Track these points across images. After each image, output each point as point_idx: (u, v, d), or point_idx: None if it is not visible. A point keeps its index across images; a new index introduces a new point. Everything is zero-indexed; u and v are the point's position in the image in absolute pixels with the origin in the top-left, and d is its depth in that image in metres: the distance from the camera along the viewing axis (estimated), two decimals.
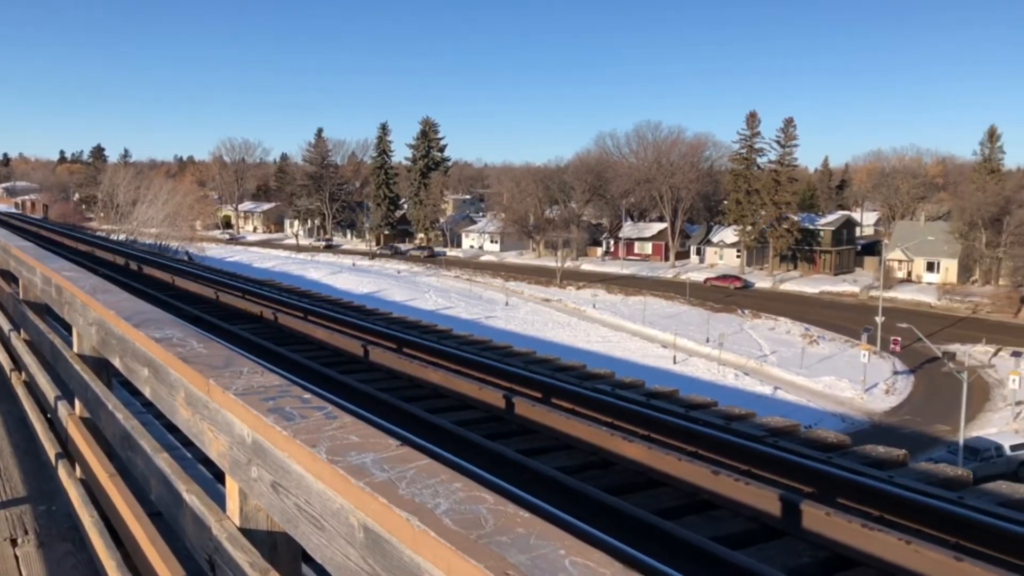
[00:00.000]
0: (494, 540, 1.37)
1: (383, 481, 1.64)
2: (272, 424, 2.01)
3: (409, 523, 1.47)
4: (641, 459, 5.79)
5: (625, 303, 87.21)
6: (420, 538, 1.45)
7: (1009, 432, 47.62)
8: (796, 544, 4.55)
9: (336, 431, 1.96)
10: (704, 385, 54.70)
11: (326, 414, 2.10)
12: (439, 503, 1.54)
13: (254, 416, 2.10)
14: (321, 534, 1.81)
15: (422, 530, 1.44)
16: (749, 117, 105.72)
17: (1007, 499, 5.39)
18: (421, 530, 1.45)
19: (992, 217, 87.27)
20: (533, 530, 1.44)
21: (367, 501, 1.61)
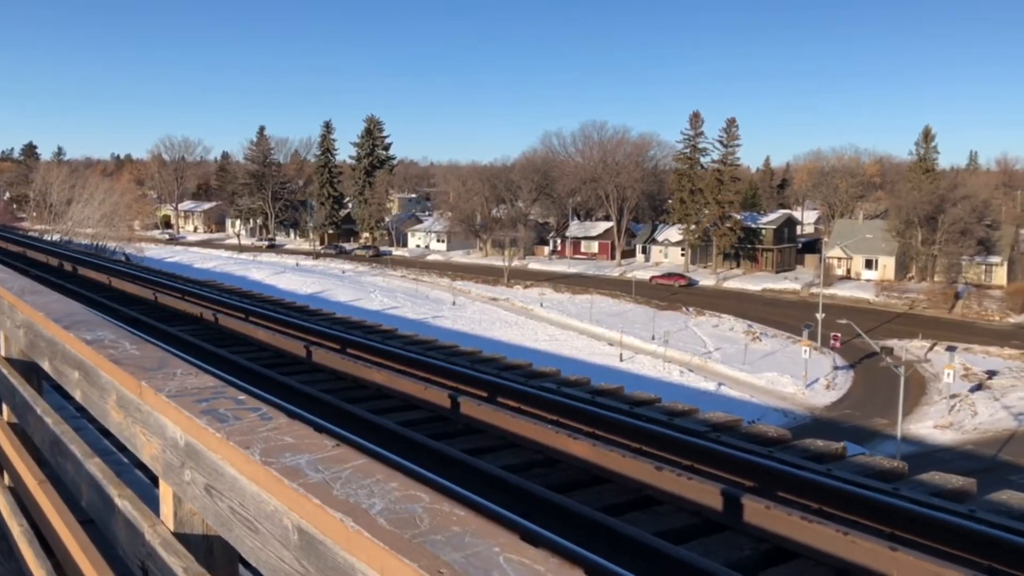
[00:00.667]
0: (429, 539, 1.35)
1: (317, 482, 1.62)
2: (205, 426, 1.96)
3: (343, 524, 1.45)
4: (586, 456, 5.82)
5: (572, 302, 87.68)
6: (354, 539, 1.43)
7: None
8: (738, 538, 4.61)
9: (271, 432, 1.92)
10: (650, 382, 55.27)
11: (261, 415, 2.07)
12: (374, 503, 1.52)
13: (187, 418, 2.06)
14: (256, 537, 1.78)
15: (356, 530, 1.42)
16: (692, 117, 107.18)
17: (940, 489, 5.54)
18: (355, 530, 1.42)
19: (927, 215, 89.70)
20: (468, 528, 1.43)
21: (301, 502, 1.58)
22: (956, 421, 51.58)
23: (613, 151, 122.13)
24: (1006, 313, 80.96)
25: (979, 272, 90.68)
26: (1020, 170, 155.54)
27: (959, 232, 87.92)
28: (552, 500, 4.95)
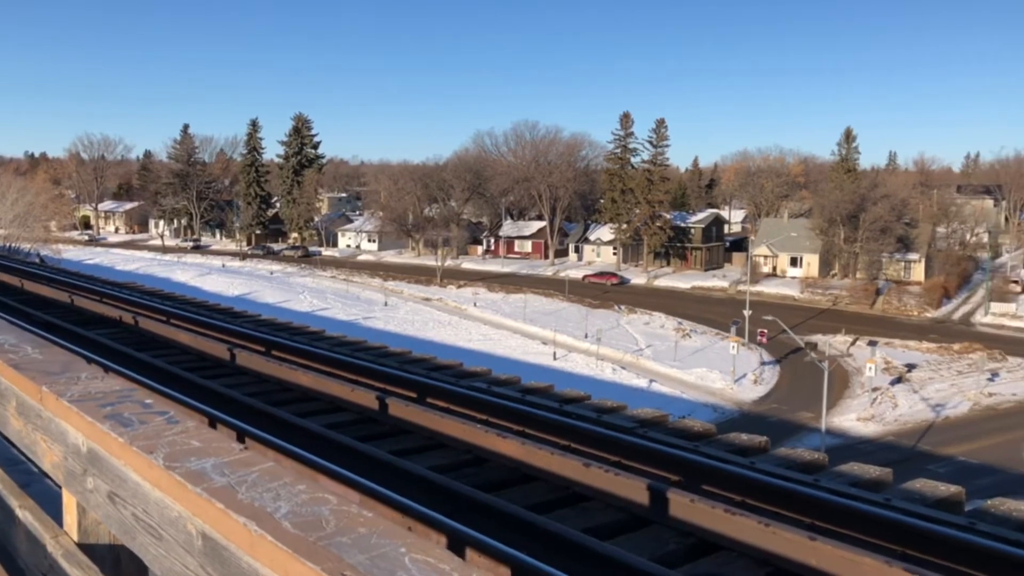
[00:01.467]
0: (334, 541, 1.33)
1: (222, 486, 1.57)
2: (108, 431, 1.90)
3: (247, 528, 1.42)
4: (515, 455, 5.82)
5: (506, 301, 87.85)
6: (258, 543, 1.39)
7: None
8: (664, 532, 4.66)
9: (177, 436, 1.87)
10: (584, 380, 55.73)
11: (168, 419, 2.01)
12: (280, 506, 1.49)
13: (89, 423, 1.99)
14: (159, 544, 1.73)
15: (259, 535, 1.39)
16: (623, 118, 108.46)
17: (858, 479, 5.68)
18: (259, 535, 1.39)
19: (849, 214, 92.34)
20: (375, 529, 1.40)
21: (205, 507, 1.54)
22: (878, 413, 53.19)
23: (545, 151, 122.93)
24: (924, 308, 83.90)
25: (898, 269, 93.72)
26: (936, 170, 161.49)
27: (879, 230, 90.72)
28: (480, 499, 4.93)
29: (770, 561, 4.12)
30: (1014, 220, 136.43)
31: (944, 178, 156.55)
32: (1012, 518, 4.86)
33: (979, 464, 44.43)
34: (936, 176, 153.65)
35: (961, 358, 65.62)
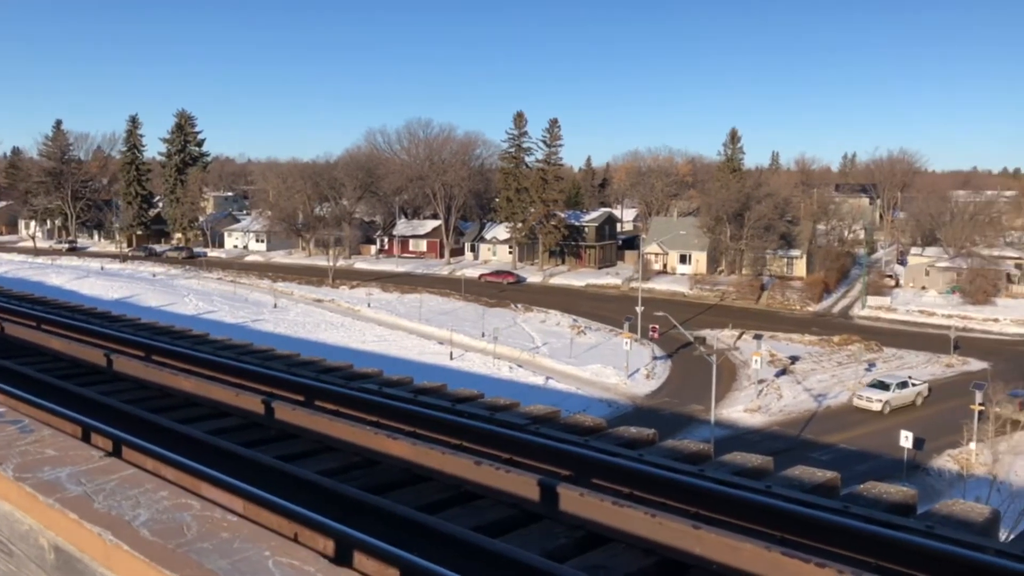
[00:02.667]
0: (195, 548, 1.27)
1: (77, 496, 1.49)
2: None
3: (102, 538, 1.34)
4: (406, 455, 5.76)
5: (401, 301, 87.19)
6: (113, 553, 1.32)
7: None
8: (554, 526, 4.69)
9: (31, 446, 1.76)
10: (480, 379, 55.83)
11: (21, 428, 1.89)
12: (139, 514, 1.42)
13: None
14: (10, 560, 1.62)
15: (115, 544, 1.32)
16: (516, 117, 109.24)
17: (741, 468, 5.85)
18: (114, 544, 1.32)
19: (735, 212, 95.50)
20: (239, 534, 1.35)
21: (57, 519, 1.45)
22: (764, 404, 55.16)
23: (439, 149, 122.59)
24: (806, 302, 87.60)
25: (782, 265, 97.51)
26: (816, 170, 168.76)
27: (763, 228, 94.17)
28: (369, 502, 4.86)
29: (656, 551, 4.20)
30: (888, 217, 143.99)
31: (823, 177, 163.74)
32: (883, 500, 5.10)
33: (858, 450, 46.67)
34: (816, 175, 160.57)
35: (841, 350, 68.80)
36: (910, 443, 43.05)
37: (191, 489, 4.92)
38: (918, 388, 55.45)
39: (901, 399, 54.00)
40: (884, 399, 53.13)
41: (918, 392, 55.13)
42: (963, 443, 45.91)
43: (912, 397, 54.68)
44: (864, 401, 53.67)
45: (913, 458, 44.24)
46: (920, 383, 56.04)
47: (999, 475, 39.54)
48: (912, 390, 54.93)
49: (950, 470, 44.33)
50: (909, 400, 54.42)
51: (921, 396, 55.09)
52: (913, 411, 52.96)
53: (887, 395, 53.41)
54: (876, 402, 53.13)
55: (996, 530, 4.80)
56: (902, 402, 53.93)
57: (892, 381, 55.04)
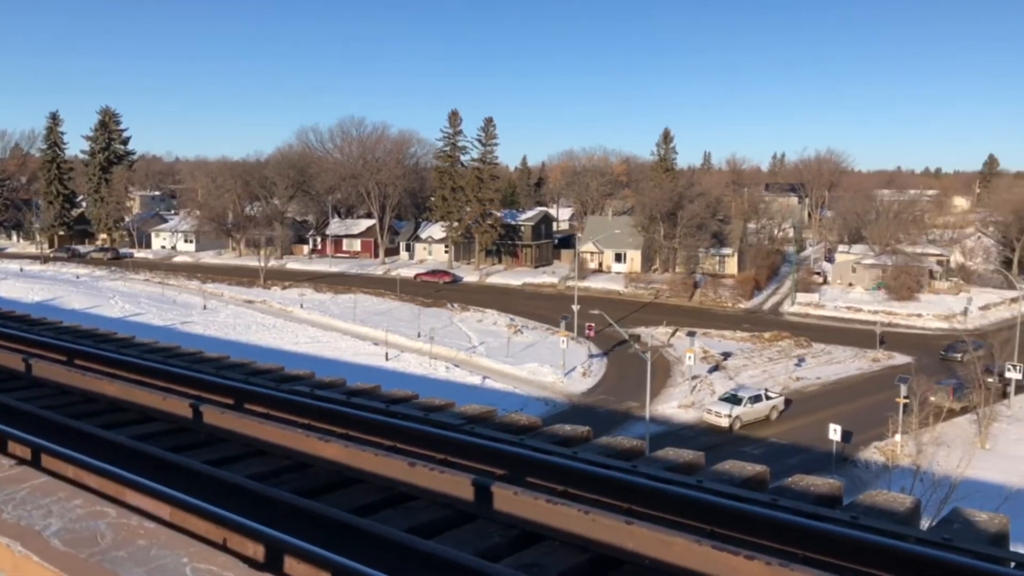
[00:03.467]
0: (109, 556, 1.23)
1: None
2: None
3: (10, 549, 1.29)
4: (338, 458, 5.67)
5: (335, 301, 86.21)
6: (22, 565, 1.27)
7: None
8: (488, 526, 4.67)
9: None
10: (416, 380, 55.58)
11: None
12: (50, 523, 1.36)
13: None
14: None
15: (24, 555, 1.27)
16: (451, 116, 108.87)
17: (673, 464, 5.91)
18: (23, 555, 1.27)
19: (668, 211, 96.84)
20: (156, 541, 1.31)
21: None
22: (697, 400, 55.99)
23: (373, 148, 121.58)
24: (737, 300, 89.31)
25: (714, 263, 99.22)
26: (747, 169, 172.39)
27: (696, 227, 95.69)
28: (300, 506, 4.77)
29: (590, 547, 4.21)
30: (816, 216, 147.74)
31: (754, 177, 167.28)
32: (810, 492, 5.21)
33: (788, 444, 47.75)
34: (746, 175, 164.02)
35: (771, 346, 70.31)
36: (838, 436, 44.25)
37: (115, 497, 4.77)
38: (772, 402, 52.70)
39: (753, 414, 51.19)
40: (733, 414, 50.25)
41: (772, 406, 52.43)
42: (889, 435, 47.37)
43: (766, 411, 51.99)
44: (713, 416, 50.79)
45: (842, 451, 45.47)
46: (776, 396, 53.58)
47: (922, 465, 40.87)
48: (766, 404, 52.07)
49: (876, 462, 45.68)
50: (763, 415, 51.76)
51: (776, 410, 52.78)
52: (840, 404, 54.35)
53: (738, 409, 50.49)
54: (724, 417, 50.17)
55: (917, 519, 4.94)
56: (754, 417, 51.18)
57: (745, 394, 52.13)
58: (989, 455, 46.43)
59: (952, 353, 63.46)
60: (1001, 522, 4.58)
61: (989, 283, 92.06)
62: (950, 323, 78.80)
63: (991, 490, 33.36)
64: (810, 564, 3.77)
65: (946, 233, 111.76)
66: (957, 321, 79.04)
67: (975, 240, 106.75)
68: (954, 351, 63.49)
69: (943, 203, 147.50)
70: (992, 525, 4.56)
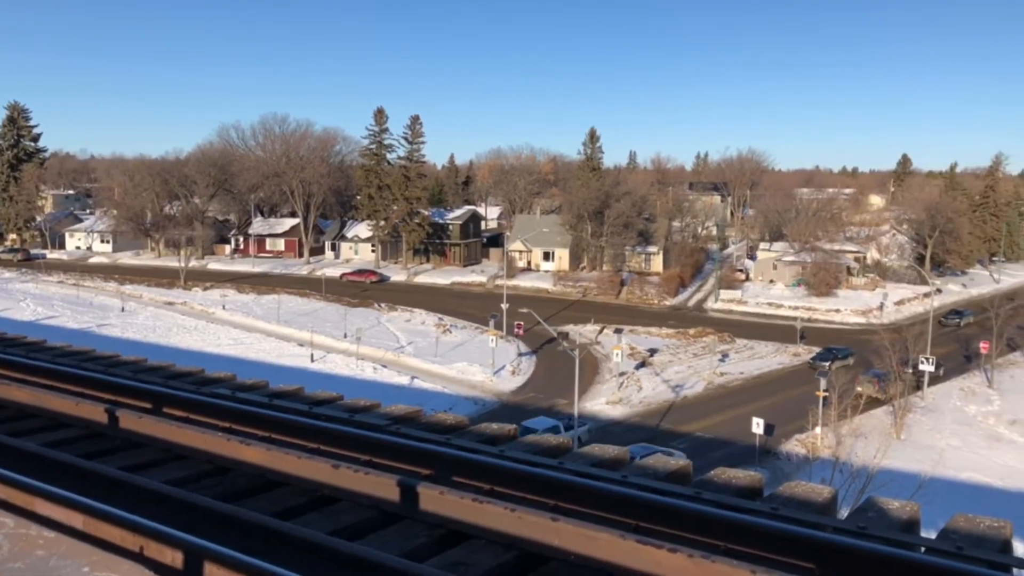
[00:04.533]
0: (5, 568, 1.17)
1: None
2: None
3: None
4: (260, 461, 5.56)
5: (258, 302, 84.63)
6: None
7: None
8: (414, 526, 4.63)
9: None
10: (343, 381, 54.96)
11: None
12: None
13: None
14: None
15: None
16: (377, 113, 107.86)
17: (599, 459, 5.96)
18: None
19: (595, 210, 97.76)
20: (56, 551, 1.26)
21: None
22: (625, 396, 56.73)
23: (296, 145, 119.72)
24: (663, 297, 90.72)
25: (640, 261, 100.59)
26: (671, 169, 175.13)
27: (623, 225, 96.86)
28: (221, 511, 4.65)
29: (516, 545, 4.21)
30: (738, 214, 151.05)
31: (678, 176, 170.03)
32: (732, 485, 5.31)
33: (713, 438, 48.70)
34: (671, 174, 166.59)
35: (696, 342, 71.61)
36: (761, 429, 45.31)
37: (24, 507, 4.58)
38: None
39: None
40: None
41: None
42: (809, 428, 48.72)
43: None
44: None
45: (764, 443, 46.59)
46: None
47: (841, 456, 42.17)
48: None
49: (798, 454, 46.92)
50: None
51: None
52: (763, 398, 55.67)
53: None
54: None
55: (834, 509, 5.07)
56: None
57: None
58: (904, 445, 48.16)
59: (820, 361, 61.12)
60: (912, 509, 4.74)
61: (903, 279, 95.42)
62: (867, 318, 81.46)
63: (906, 479, 34.58)
64: (732, 555, 3.83)
65: (862, 230, 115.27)
66: (873, 316, 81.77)
67: (890, 237, 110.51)
68: (822, 360, 61.51)
69: (859, 201, 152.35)
70: (904, 512, 4.71)
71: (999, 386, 60.32)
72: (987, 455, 48.29)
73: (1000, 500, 40.74)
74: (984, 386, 60.57)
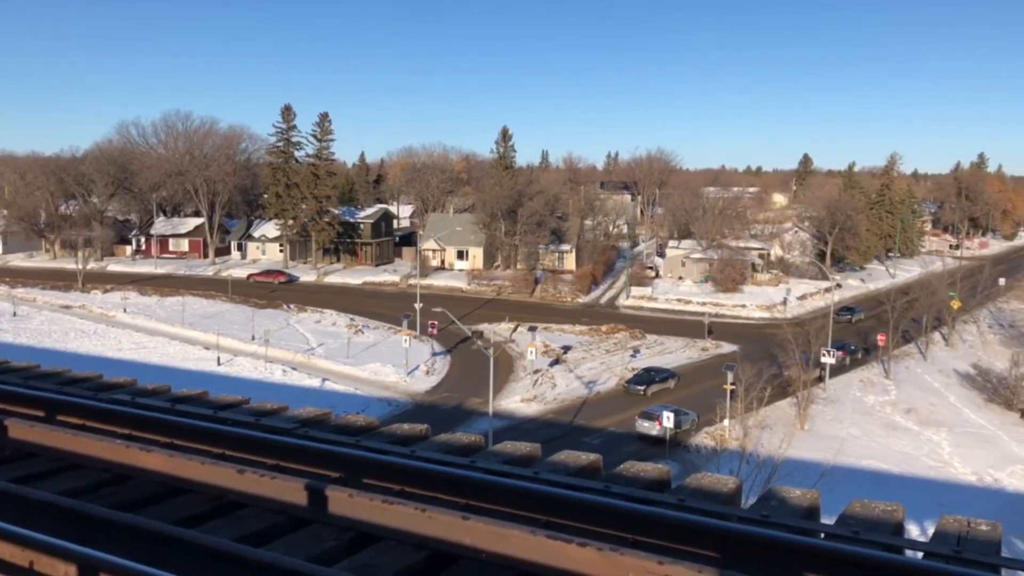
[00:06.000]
0: None
1: None
2: None
3: None
4: (162, 468, 5.37)
5: (161, 305, 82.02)
6: None
7: None
8: (323, 530, 4.56)
9: None
10: (251, 384, 53.79)
11: None
12: None
13: None
14: None
15: None
16: (284, 110, 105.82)
17: (511, 457, 5.97)
18: None
19: (509, 209, 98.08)
20: None
21: None
22: (539, 394, 57.12)
23: (200, 143, 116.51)
24: (576, 294, 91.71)
25: (553, 259, 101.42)
26: (583, 168, 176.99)
27: (536, 223, 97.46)
28: (120, 520, 4.48)
29: (427, 545, 4.18)
30: (648, 213, 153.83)
31: (589, 175, 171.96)
32: (640, 478, 5.38)
33: (625, 432, 49.50)
34: (582, 173, 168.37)
35: (608, 338, 72.64)
36: (671, 423, 46.30)
37: None
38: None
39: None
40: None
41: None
42: (717, 420, 50.01)
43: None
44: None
45: (675, 437, 47.61)
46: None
47: (748, 448, 43.43)
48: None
49: (707, 446, 48.12)
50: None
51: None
52: (673, 392, 56.84)
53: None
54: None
55: (739, 499, 5.20)
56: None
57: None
58: (808, 435, 49.91)
59: (636, 386, 57.73)
60: (812, 497, 4.89)
61: (806, 275, 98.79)
62: (771, 313, 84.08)
63: (809, 468, 35.85)
64: (640, 547, 3.89)
65: (766, 228, 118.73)
66: (777, 311, 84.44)
67: (792, 234, 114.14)
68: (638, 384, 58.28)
69: (763, 200, 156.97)
70: (805, 500, 4.86)
71: (895, 377, 63.13)
72: (885, 443, 50.50)
73: (897, 485, 42.66)
74: (881, 377, 63.31)
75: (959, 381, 63.41)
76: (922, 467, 47.18)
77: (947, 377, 64.22)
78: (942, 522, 4.42)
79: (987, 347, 73.40)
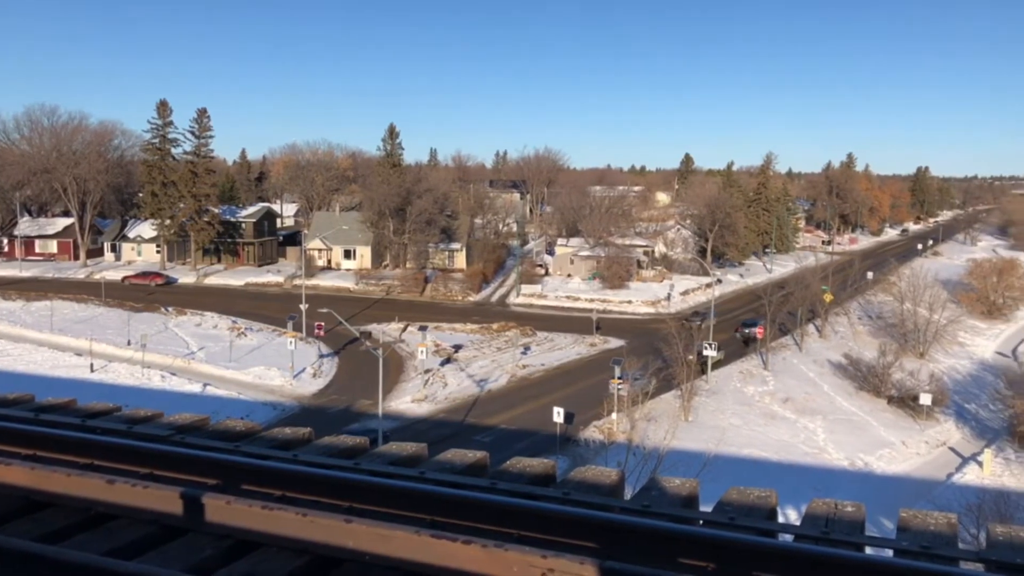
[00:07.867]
0: None
1: None
2: None
3: None
4: (23, 482, 5.07)
5: (27, 310, 77.63)
6: None
7: None
8: (199, 539, 4.39)
9: None
10: (127, 391, 51.66)
11: None
12: None
13: None
14: None
15: None
16: (160, 106, 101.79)
17: (396, 457, 5.91)
18: None
19: (397, 207, 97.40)
20: None
21: None
22: (430, 394, 56.95)
23: (69, 139, 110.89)
24: (467, 293, 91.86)
25: (444, 258, 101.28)
26: (472, 166, 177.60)
27: (425, 222, 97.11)
28: None
29: (309, 550, 4.09)
30: (537, 211, 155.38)
31: (479, 174, 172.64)
32: (526, 473, 5.42)
33: (517, 429, 49.90)
34: (472, 172, 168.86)
35: (499, 336, 73.06)
36: (562, 418, 46.92)
37: None
38: None
39: None
40: None
41: None
42: (605, 414, 51.00)
43: None
44: None
45: (565, 432, 48.26)
46: None
47: (635, 440, 44.47)
48: None
49: (596, 439, 48.99)
50: None
51: None
52: (563, 388, 57.62)
53: None
54: None
55: (622, 490, 5.30)
56: None
57: None
58: (691, 426, 51.51)
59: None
60: (691, 486, 5.03)
61: (688, 271, 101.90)
62: (656, 308, 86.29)
63: (693, 458, 36.92)
64: (524, 542, 3.90)
65: (651, 226, 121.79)
66: (662, 306, 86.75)
67: (675, 232, 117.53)
68: None
69: (647, 198, 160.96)
70: (684, 489, 4.99)
71: (773, 368, 65.86)
72: (764, 431, 52.64)
73: (776, 472, 44.56)
74: (760, 368, 65.92)
75: (832, 371, 66.70)
76: (799, 454, 49.43)
77: (821, 367, 67.44)
78: (812, 505, 4.62)
79: (857, 338, 77.48)
